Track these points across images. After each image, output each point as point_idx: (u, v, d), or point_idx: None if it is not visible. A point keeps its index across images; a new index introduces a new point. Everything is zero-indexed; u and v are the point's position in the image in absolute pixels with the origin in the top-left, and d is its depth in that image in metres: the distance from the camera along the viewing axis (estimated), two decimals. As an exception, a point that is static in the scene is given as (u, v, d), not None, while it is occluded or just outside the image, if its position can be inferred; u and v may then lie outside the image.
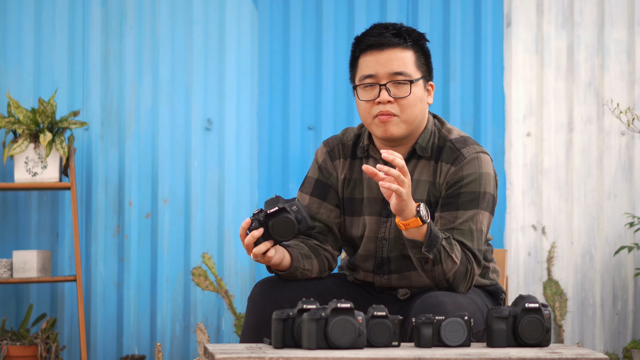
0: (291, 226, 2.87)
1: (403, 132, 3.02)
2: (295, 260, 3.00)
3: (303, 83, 5.52)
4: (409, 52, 3.03)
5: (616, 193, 5.63)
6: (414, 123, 3.03)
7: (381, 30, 3.03)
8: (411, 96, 3.01)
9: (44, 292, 5.40)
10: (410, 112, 3.01)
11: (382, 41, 3.01)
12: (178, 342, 5.41)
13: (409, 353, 2.46)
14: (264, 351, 2.48)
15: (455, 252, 2.92)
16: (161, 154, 5.43)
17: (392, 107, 3.01)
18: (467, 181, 3.00)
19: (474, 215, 2.98)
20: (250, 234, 2.87)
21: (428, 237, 2.88)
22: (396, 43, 3.01)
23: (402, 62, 3.01)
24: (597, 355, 2.45)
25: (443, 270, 2.92)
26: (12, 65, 5.38)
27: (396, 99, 3.00)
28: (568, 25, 5.64)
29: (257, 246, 2.88)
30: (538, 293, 5.57)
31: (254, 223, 2.87)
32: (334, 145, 3.17)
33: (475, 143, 3.06)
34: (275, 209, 2.85)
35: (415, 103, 3.02)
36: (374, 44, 3.02)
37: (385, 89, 3.00)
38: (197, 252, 5.42)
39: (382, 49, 3.02)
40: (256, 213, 2.88)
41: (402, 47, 3.02)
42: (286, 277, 3.02)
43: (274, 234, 2.88)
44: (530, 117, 5.61)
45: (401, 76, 3.00)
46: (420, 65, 3.04)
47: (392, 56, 3.01)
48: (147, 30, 5.44)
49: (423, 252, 2.89)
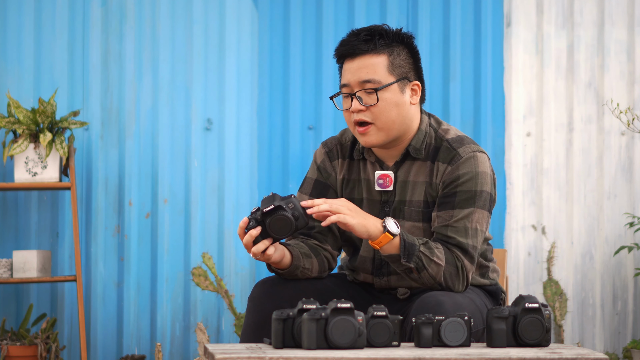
0: (288, 223, 2.87)
1: (383, 139, 3.02)
2: (296, 259, 3.00)
3: (303, 83, 5.52)
4: (380, 57, 3.01)
5: (616, 193, 5.63)
6: (393, 128, 3.02)
7: (351, 39, 3.02)
8: (380, 103, 2.99)
9: (44, 292, 5.40)
10: (385, 118, 3.00)
11: (350, 50, 3.01)
12: (178, 342, 5.41)
13: (409, 353, 2.46)
14: (264, 351, 2.48)
15: (437, 254, 2.93)
16: (161, 154, 5.43)
17: (365, 115, 3.01)
18: (463, 180, 3.00)
19: (470, 214, 2.98)
20: (248, 233, 2.87)
21: (403, 247, 2.90)
22: (365, 50, 3.00)
23: (371, 69, 3.00)
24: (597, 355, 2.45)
25: (430, 274, 2.92)
26: (12, 65, 5.38)
27: (368, 107, 3.00)
28: (568, 25, 5.64)
29: (256, 245, 2.88)
30: (538, 293, 5.57)
31: (252, 222, 2.87)
32: (332, 146, 3.18)
33: (472, 142, 3.06)
34: (271, 207, 2.85)
35: (388, 108, 3.00)
36: (344, 54, 3.03)
37: (357, 98, 3.00)
38: (197, 252, 5.42)
39: (354, 58, 3.02)
40: (254, 212, 2.88)
41: (373, 53, 3.00)
42: (286, 276, 3.02)
43: (272, 232, 2.87)
44: (530, 117, 5.61)
45: (369, 84, 2.99)
46: (394, 69, 3.01)
47: (361, 64, 3.00)
48: (147, 30, 5.44)
49: (403, 263, 2.90)
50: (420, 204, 3.04)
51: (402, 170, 3.07)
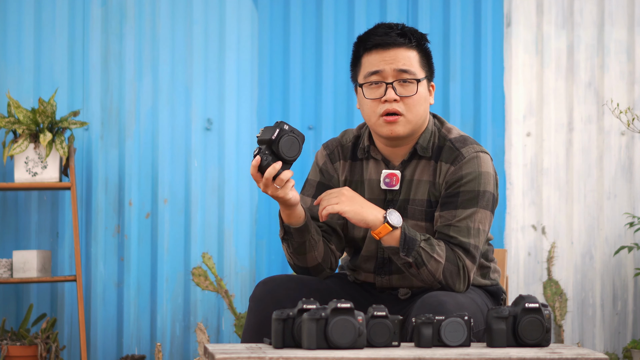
0: (296, 141, 2.89)
1: (408, 132, 3.03)
2: (308, 219, 3.01)
3: (303, 83, 5.52)
4: (413, 52, 3.04)
5: (616, 193, 5.63)
6: (418, 123, 3.04)
7: (386, 30, 3.04)
8: (417, 95, 3.02)
9: (44, 292, 5.40)
10: (416, 111, 3.02)
11: (387, 40, 3.02)
12: (178, 342, 5.41)
13: (409, 353, 2.46)
14: (264, 351, 2.48)
15: (438, 251, 2.93)
16: (161, 154, 5.43)
17: (398, 105, 3.01)
18: (466, 180, 3.01)
19: (473, 214, 2.99)
20: (272, 166, 2.86)
21: (403, 241, 2.90)
22: (401, 43, 3.02)
23: (408, 60, 3.02)
24: (597, 355, 2.46)
25: (429, 270, 2.93)
26: (12, 65, 5.38)
27: (402, 98, 3.01)
28: (568, 25, 5.64)
29: (283, 173, 2.87)
30: (538, 293, 5.57)
31: (264, 157, 2.87)
32: (333, 148, 3.18)
33: (474, 142, 3.07)
34: (276, 132, 2.86)
35: (421, 102, 3.03)
36: (380, 43, 3.03)
37: (392, 87, 3.01)
38: (197, 252, 5.42)
39: (388, 48, 3.02)
40: (258, 152, 2.88)
41: (407, 47, 3.03)
42: (296, 237, 3.01)
43: (286, 155, 2.88)
44: (530, 117, 5.61)
45: (407, 74, 3.01)
46: (423, 65, 3.05)
47: (398, 55, 3.02)
48: (147, 30, 5.44)
49: (402, 256, 2.91)
50: (423, 203, 3.05)
51: (409, 169, 3.08)
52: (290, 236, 3.03)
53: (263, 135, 2.89)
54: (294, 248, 3.04)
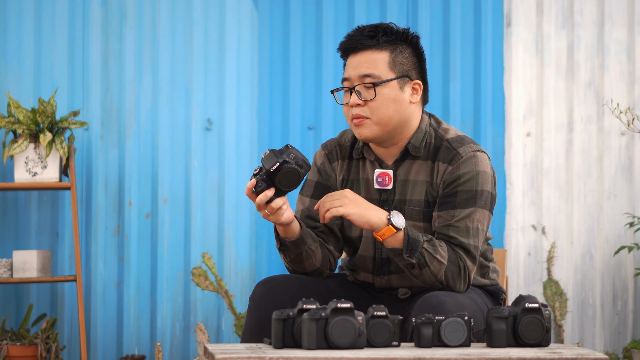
0: (296, 174, 2.88)
1: (377, 134, 3.03)
2: (304, 233, 3.01)
3: (303, 83, 5.52)
4: (382, 53, 3.02)
5: (616, 193, 5.63)
6: (390, 124, 3.03)
7: (356, 34, 3.05)
8: (378, 98, 3.01)
9: (44, 292, 5.40)
10: (381, 114, 3.01)
11: (353, 45, 3.04)
12: (178, 342, 5.41)
13: (409, 353, 2.46)
14: (264, 351, 2.48)
15: (440, 252, 2.93)
16: (161, 154, 5.43)
17: (363, 110, 3.02)
18: (464, 180, 3.01)
19: (471, 213, 2.99)
20: (263, 194, 2.87)
21: (407, 243, 2.90)
22: (368, 45, 3.02)
23: (372, 64, 3.01)
24: (597, 355, 2.45)
25: (431, 272, 2.93)
26: (12, 65, 5.38)
27: (366, 102, 3.01)
28: (568, 25, 5.64)
29: (274, 201, 2.88)
30: (538, 293, 5.57)
31: (259, 183, 2.88)
32: (331, 148, 3.19)
33: (472, 142, 3.06)
34: (276, 165, 2.86)
35: (386, 104, 3.01)
36: (347, 48, 3.06)
37: (356, 92, 3.01)
38: (197, 252, 5.42)
39: (356, 52, 3.04)
40: (257, 172, 2.89)
41: (375, 49, 3.02)
42: (292, 249, 3.02)
43: (283, 186, 2.88)
44: (530, 117, 5.61)
45: (369, 78, 3.01)
46: (395, 65, 3.03)
47: (363, 59, 3.02)
48: (147, 30, 5.44)
49: (405, 258, 2.91)
50: (420, 204, 3.05)
51: (402, 169, 3.08)
52: (286, 248, 3.04)
53: (266, 160, 2.89)
54: (291, 258, 3.06)
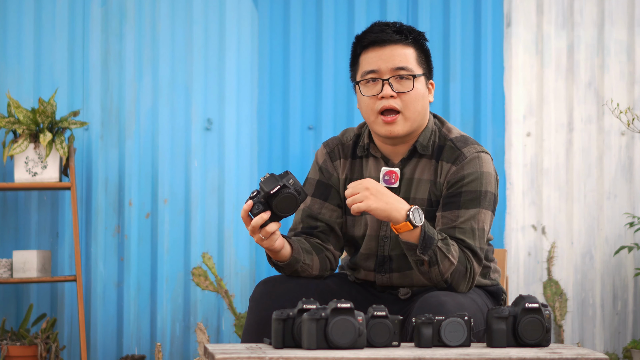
0: (294, 200, 2.88)
1: (407, 130, 3.03)
2: (296, 252, 3.01)
3: (303, 83, 5.52)
4: (410, 49, 3.04)
5: (616, 193, 5.63)
6: (417, 120, 3.04)
7: (382, 28, 3.04)
8: (414, 91, 3.02)
9: (44, 292, 5.40)
10: (413, 108, 3.02)
11: (383, 37, 3.03)
12: (178, 342, 5.41)
13: (409, 353, 2.46)
14: (264, 351, 2.48)
15: (452, 252, 2.93)
16: (161, 154, 5.43)
17: (395, 102, 3.02)
18: (468, 180, 3.01)
19: (476, 214, 2.99)
20: (259, 216, 2.87)
21: (422, 240, 2.89)
22: (398, 40, 3.03)
23: (404, 57, 3.03)
24: (597, 355, 2.45)
25: (440, 271, 2.92)
26: (12, 65, 5.38)
27: (399, 94, 3.01)
28: (568, 25, 5.64)
29: (268, 225, 2.88)
30: (538, 293, 5.57)
31: (256, 206, 2.88)
32: (333, 146, 3.18)
33: (475, 143, 3.07)
34: (276, 188, 2.86)
35: (418, 99, 3.03)
36: (375, 41, 3.03)
37: (388, 84, 3.01)
38: (197, 252, 5.42)
39: (384, 46, 3.03)
40: (254, 195, 2.89)
41: (404, 44, 3.03)
42: (286, 269, 3.03)
43: (279, 211, 2.88)
44: (530, 117, 5.61)
45: (404, 71, 3.02)
46: (421, 62, 3.06)
47: (394, 52, 3.03)
48: (147, 30, 5.44)
49: (418, 254, 2.90)
50: (424, 202, 3.05)
51: (409, 167, 3.08)
52: (281, 268, 3.05)
53: (265, 184, 2.88)
54: (287, 274, 3.06)
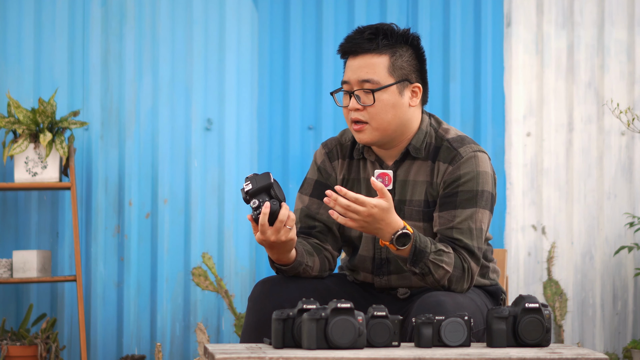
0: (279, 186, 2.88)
1: (376, 139, 3.02)
2: (300, 255, 3.00)
3: (303, 83, 5.52)
4: (382, 58, 3.00)
5: (616, 193, 5.63)
6: (389, 128, 3.02)
7: (355, 36, 3.02)
8: (377, 104, 2.99)
9: (44, 292, 5.40)
10: (380, 119, 3.00)
11: (353, 48, 3.01)
12: (178, 342, 5.41)
13: (409, 353, 2.46)
14: (264, 351, 2.48)
15: (446, 260, 2.92)
16: (161, 154, 5.43)
17: (362, 114, 3.01)
18: (464, 180, 3.00)
19: (473, 214, 2.98)
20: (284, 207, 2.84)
21: (412, 255, 2.89)
22: (367, 49, 3.00)
23: (372, 69, 2.99)
24: (597, 355, 2.45)
25: (435, 279, 2.93)
26: (12, 65, 5.38)
27: (365, 107, 3.00)
28: (568, 25, 5.64)
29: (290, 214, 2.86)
30: (538, 293, 5.57)
31: (273, 202, 2.85)
32: (332, 147, 3.18)
33: (472, 142, 3.06)
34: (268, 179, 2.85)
35: (385, 110, 3.00)
36: (347, 51, 3.04)
37: (355, 97, 3.00)
38: (197, 252, 5.42)
39: (356, 56, 3.02)
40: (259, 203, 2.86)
41: (375, 53, 3.00)
42: (288, 272, 3.02)
43: (281, 198, 2.87)
44: (530, 117, 5.61)
45: (368, 84, 2.99)
46: (395, 70, 3.00)
47: (362, 63, 3.00)
48: (147, 30, 5.44)
49: (409, 267, 2.90)
50: (420, 204, 3.04)
51: (402, 169, 3.07)
52: (283, 272, 3.04)
53: (258, 184, 2.85)
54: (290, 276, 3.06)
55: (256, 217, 2.86)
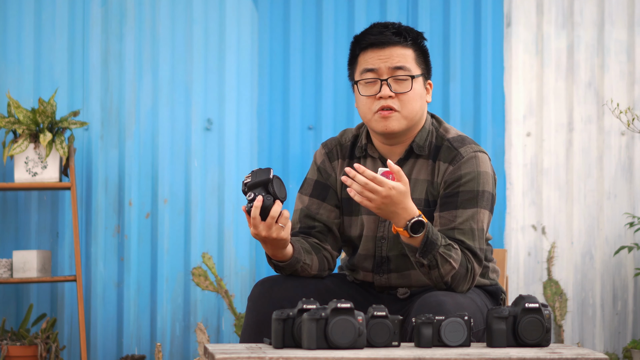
0: (283, 184, 2.89)
1: (403, 127, 3.04)
2: (297, 252, 3.01)
3: (303, 83, 5.52)
4: (409, 50, 3.05)
5: (616, 193, 5.63)
6: (414, 119, 3.05)
7: (381, 29, 3.05)
8: (412, 92, 3.03)
9: (44, 292, 5.40)
10: (411, 108, 3.03)
11: (382, 39, 3.04)
12: (178, 342, 5.41)
13: (409, 353, 2.46)
14: (264, 351, 2.48)
15: (454, 256, 2.92)
16: (161, 154, 5.43)
17: (393, 102, 3.03)
18: (465, 180, 3.01)
19: (474, 214, 2.99)
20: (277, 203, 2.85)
21: (423, 244, 2.89)
22: (396, 41, 3.04)
23: (403, 58, 3.04)
24: (597, 355, 2.45)
25: (440, 273, 2.92)
26: (12, 65, 5.38)
27: (397, 94, 3.02)
28: (568, 25, 5.64)
29: (284, 211, 2.87)
30: (538, 293, 5.57)
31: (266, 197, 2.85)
32: (332, 147, 3.19)
33: (473, 142, 3.07)
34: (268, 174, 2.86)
35: (416, 99, 3.04)
36: (374, 42, 3.05)
37: (387, 84, 3.02)
38: (197, 252, 5.42)
39: (383, 47, 3.04)
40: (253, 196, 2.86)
41: (402, 45, 3.05)
42: (286, 269, 3.03)
43: (280, 195, 2.88)
44: (530, 117, 5.61)
45: (402, 71, 3.03)
46: (419, 63, 3.07)
47: (393, 52, 3.04)
48: (147, 30, 5.44)
49: (417, 257, 2.90)
50: (421, 202, 3.05)
51: (406, 167, 3.08)
52: (281, 269, 3.04)
53: (257, 178, 2.87)
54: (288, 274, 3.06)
55: (249, 209, 2.87)
